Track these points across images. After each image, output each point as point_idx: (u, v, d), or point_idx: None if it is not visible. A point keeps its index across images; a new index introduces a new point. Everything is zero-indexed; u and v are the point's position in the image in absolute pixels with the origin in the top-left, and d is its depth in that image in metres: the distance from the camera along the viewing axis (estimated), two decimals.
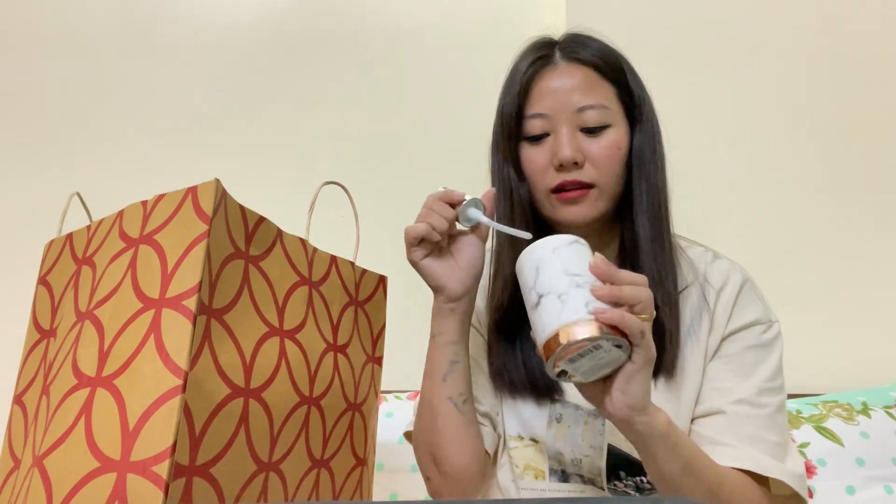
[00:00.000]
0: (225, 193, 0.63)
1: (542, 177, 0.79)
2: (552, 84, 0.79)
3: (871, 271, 1.48)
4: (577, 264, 0.60)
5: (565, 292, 0.58)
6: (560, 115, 0.77)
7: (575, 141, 0.77)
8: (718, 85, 1.56)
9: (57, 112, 1.66)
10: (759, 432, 0.75)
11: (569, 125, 0.77)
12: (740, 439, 0.75)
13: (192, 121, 1.66)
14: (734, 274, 0.83)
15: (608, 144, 0.77)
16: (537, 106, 0.79)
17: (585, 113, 0.77)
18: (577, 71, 0.79)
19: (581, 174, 0.77)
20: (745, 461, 0.73)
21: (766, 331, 0.80)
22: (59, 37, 1.68)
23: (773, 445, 0.75)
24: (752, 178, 1.54)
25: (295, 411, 0.69)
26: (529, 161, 0.80)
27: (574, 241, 0.62)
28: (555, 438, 0.81)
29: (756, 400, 0.77)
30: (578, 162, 0.76)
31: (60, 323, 0.69)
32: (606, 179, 0.78)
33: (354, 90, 1.67)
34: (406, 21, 1.70)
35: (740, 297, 0.81)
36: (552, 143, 0.78)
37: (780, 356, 0.81)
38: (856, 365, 1.42)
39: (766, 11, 1.58)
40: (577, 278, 0.59)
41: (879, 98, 1.53)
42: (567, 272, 0.59)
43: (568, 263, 0.60)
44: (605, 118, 0.78)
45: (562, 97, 0.78)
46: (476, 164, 0.85)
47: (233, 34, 1.69)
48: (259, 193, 0.95)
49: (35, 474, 0.56)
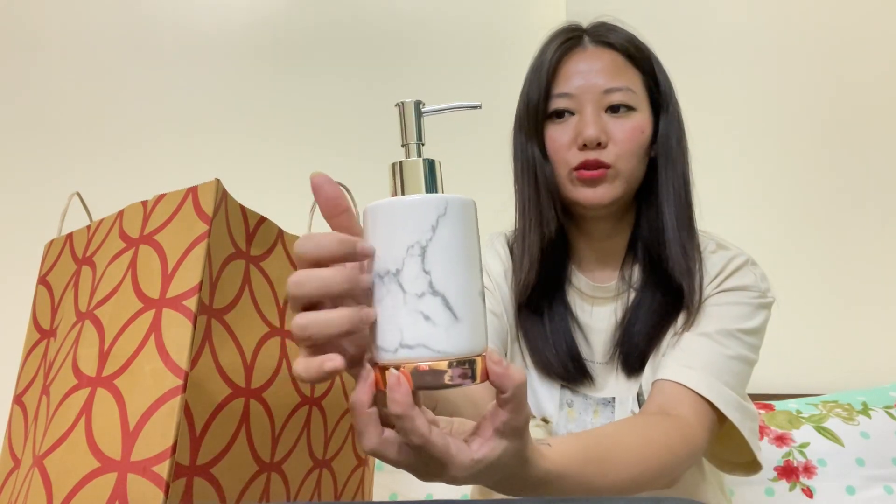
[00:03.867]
0: (225, 193, 0.63)
1: (565, 154, 0.79)
2: (580, 66, 0.80)
3: (871, 271, 1.48)
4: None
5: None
6: (586, 94, 0.79)
7: (600, 121, 0.78)
8: (720, 83, 1.56)
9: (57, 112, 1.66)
10: (710, 360, 0.74)
11: (594, 105, 0.78)
12: (682, 363, 0.73)
13: (192, 121, 1.66)
14: (736, 258, 0.82)
15: (632, 127, 0.78)
16: (564, 86, 0.80)
17: (612, 95, 0.78)
18: (605, 54, 0.80)
19: (603, 154, 0.78)
20: (678, 376, 0.72)
21: (757, 297, 0.80)
22: (58, 37, 1.68)
23: (715, 371, 0.73)
24: (752, 177, 1.54)
25: (296, 411, 0.69)
26: (553, 139, 0.81)
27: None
28: (567, 421, 0.82)
29: (719, 338, 0.76)
30: (602, 142, 0.77)
31: (60, 323, 0.69)
32: (626, 162, 0.78)
33: (355, 90, 1.67)
34: (406, 19, 1.70)
35: (737, 269, 0.81)
36: (577, 123, 0.79)
37: (763, 323, 0.80)
38: (856, 365, 1.42)
39: (769, 10, 1.58)
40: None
41: (882, 97, 1.53)
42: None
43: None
44: (630, 101, 0.79)
45: (589, 78, 0.79)
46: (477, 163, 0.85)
47: (233, 34, 1.69)
48: (260, 193, 0.95)
49: (35, 474, 0.56)
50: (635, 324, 0.81)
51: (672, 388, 0.72)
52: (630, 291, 0.83)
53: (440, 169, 0.44)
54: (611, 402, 0.81)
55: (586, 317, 0.85)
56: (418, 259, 0.40)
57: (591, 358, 0.84)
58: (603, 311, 0.85)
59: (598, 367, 0.83)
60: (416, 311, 0.40)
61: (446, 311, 0.40)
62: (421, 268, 0.40)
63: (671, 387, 0.72)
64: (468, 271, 0.41)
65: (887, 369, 1.39)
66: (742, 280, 0.80)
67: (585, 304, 0.86)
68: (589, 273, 0.87)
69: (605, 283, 0.85)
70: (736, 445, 0.75)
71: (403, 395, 0.39)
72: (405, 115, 0.45)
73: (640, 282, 0.83)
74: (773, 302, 0.81)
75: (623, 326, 0.82)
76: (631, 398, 0.80)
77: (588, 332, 0.85)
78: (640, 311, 0.81)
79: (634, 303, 0.82)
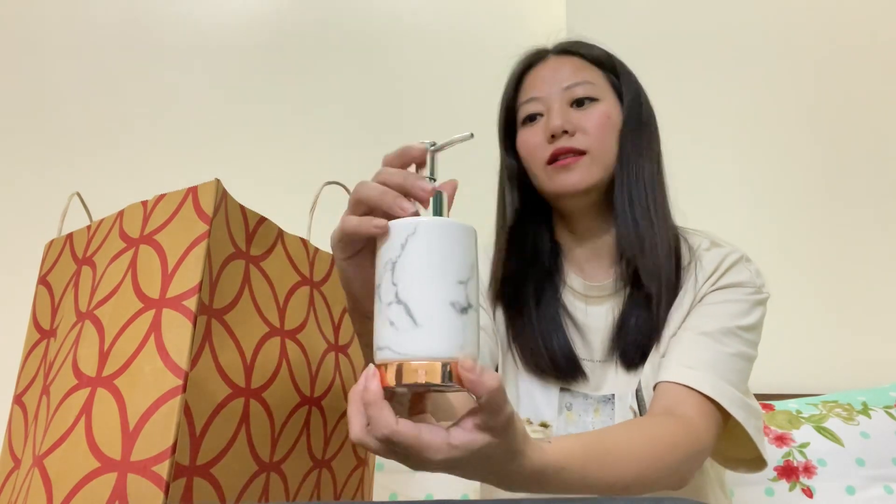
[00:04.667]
0: (225, 193, 0.63)
1: (538, 152, 0.83)
2: (543, 72, 0.87)
3: (871, 271, 1.48)
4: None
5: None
6: (551, 93, 0.84)
7: (565, 113, 0.82)
8: (719, 86, 1.56)
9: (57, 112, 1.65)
10: (712, 359, 0.74)
11: (559, 101, 0.83)
12: (684, 363, 0.74)
13: (192, 120, 1.65)
14: (731, 255, 0.83)
15: (599, 113, 0.82)
16: (530, 92, 0.86)
17: (574, 89, 0.83)
18: (566, 60, 0.87)
19: (573, 141, 0.81)
20: (681, 377, 0.72)
21: (753, 294, 0.80)
22: (58, 37, 1.68)
23: (717, 370, 0.73)
24: (752, 178, 1.54)
25: (296, 411, 0.69)
26: (525, 141, 0.85)
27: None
28: (567, 424, 0.82)
29: (719, 336, 0.76)
30: (569, 130, 0.81)
31: (60, 323, 0.69)
32: (598, 146, 0.81)
33: (355, 90, 1.67)
34: (406, 20, 1.70)
35: (732, 265, 0.82)
36: (545, 121, 0.83)
37: (760, 319, 0.80)
38: (856, 365, 1.42)
39: (767, 13, 1.58)
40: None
41: (881, 99, 1.53)
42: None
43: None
44: (593, 93, 0.83)
45: (552, 80, 0.85)
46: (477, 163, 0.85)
47: (233, 34, 1.69)
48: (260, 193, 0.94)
49: (35, 474, 0.56)
50: (632, 319, 0.81)
51: (675, 390, 0.72)
52: (626, 288, 0.83)
53: (443, 199, 0.49)
54: (610, 399, 0.82)
55: (582, 316, 0.86)
56: (390, 273, 0.45)
57: (591, 357, 0.84)
58: (599, 309, 0.85)
59: (598, 366, 0.84)
60: (385, 318, 0.45)
61: (408, 317, 0.44)
62: (391, 280, 0.45)
63: (674, 388, 0.72)
64: (434, 284, 0.44)
65: (887, 369, 1.39)
66: (737, 276, 0.81)
67: (581, 304, 0.87)
68: (583, 273, 0.88)
69: (599, 281, 0.86)
70: (741, 442, 0.75)
71: (373, 389, 0.44)
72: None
73: (632, 277, 0.83)
74: (768, 297, 0.82)
75: (619, 322, 0.82)
76: (630, 394, 0.80)
77: (586, 331, 0.85)
78: (637, 307, 0.81)
79: (630, 299, 0.82)
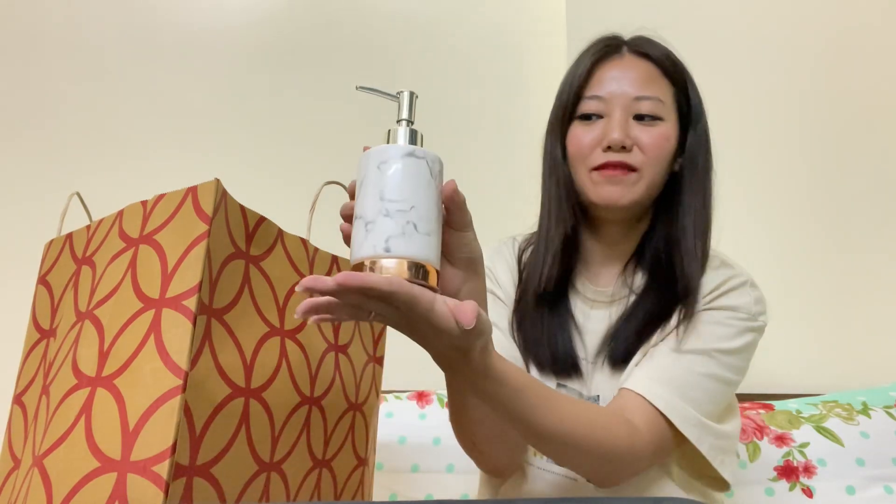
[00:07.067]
0: (225, 193, 0.63)
1: (588, 155, 0.81)
2: (613, 72, 0.82)
3: (871, 271, 1.48)
4: (398, 188, 0.52)
5: (372, 221, 0.51)
6: (616, 99, 0.80)
7: (627, 126, 0.79)
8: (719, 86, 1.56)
9: (57, 112, 1.66)
10: (679, 376, 0.74)
11: (623, 110, 0.80)
12: (649, 375, 0.74)
13: (192, 121, 1.65)
14: (735, 278, 0.82)
15: (658, 134, 0.80)
16: (596, 89, 0.82)
17: (641, 102, 0.80)
18: (640, 63, 0.82)
19: (628, 157, 0.79)
20: (640, 387, 0.73)
21: (746, 320, 0.79)
22: (58, 37, 1.68)
23: (680, 389, 0.73)
24: (753, 178, 1.53)
25: (296, 411, 0.69)
26: (576, 138, 0.82)
27: (408, 153, 0.53)
28: None
29: (691, 356, 0.75)
30: (627, 146, 0.78)
31: (60, 323, 0.69)
32: (651, 167, 0.79)
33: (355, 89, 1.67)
34: (406, 20, 1.69)
35: (733, 289, 0.81)
36: (604, 125, 0.80)
37: (747, 345, 0.79)
38: (856, 365, 1.42)
39: (768, 12, 1.58)
40: (391, 205, 0.51)
41: (882, 100, 1.53)
42: (382, 197, 0.52)
43: (386, 186, 0.52)
44: (658, 111, 0.80)
45: (621, 84, 0.80)
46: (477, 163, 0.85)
47: (233, 34, 1.69)
48: (260, 193, 0.95)
49: (35, 474, 0.56)
50: (627, 324, 0.82)
51: (631, 397, 0.74)
52: (630, 296, 0.84)
53: (419, 136, 0.57)
54: (596, 399, 0.83)
55: (583, 318, 0.87)
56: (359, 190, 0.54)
57: (585, 357, 0.85)
58: (599, 314, 0.86)
59: (590, 366, 0.85)
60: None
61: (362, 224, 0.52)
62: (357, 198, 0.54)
63: (631, 395, 0.74)
64: (372, 196, 0.52)
65: (887, 369, 1.39)
66: (734, 300, 0.80)
67: (585, 308, 0.88)
68: (591, 277, 0.88)
69: (604, 287, 0.87)
70: (705, 461, 0.75)
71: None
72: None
73: (640, 287, 0.84)
74: (763, 326, 0.81)
75: (615, 327, 0.83)
76: (612, 396, 0.81)
77: (584, 333, 0.86)
78: (636, 314, 0.82)
79: (631, 306, 0.83)
